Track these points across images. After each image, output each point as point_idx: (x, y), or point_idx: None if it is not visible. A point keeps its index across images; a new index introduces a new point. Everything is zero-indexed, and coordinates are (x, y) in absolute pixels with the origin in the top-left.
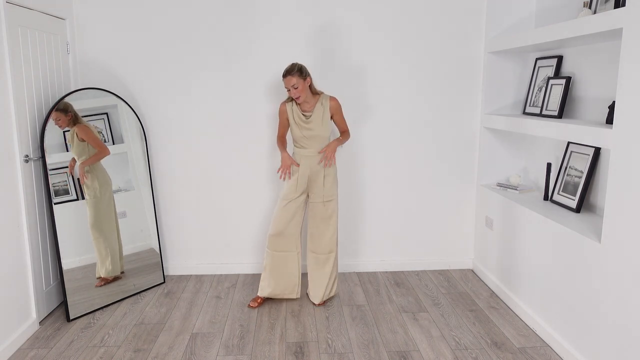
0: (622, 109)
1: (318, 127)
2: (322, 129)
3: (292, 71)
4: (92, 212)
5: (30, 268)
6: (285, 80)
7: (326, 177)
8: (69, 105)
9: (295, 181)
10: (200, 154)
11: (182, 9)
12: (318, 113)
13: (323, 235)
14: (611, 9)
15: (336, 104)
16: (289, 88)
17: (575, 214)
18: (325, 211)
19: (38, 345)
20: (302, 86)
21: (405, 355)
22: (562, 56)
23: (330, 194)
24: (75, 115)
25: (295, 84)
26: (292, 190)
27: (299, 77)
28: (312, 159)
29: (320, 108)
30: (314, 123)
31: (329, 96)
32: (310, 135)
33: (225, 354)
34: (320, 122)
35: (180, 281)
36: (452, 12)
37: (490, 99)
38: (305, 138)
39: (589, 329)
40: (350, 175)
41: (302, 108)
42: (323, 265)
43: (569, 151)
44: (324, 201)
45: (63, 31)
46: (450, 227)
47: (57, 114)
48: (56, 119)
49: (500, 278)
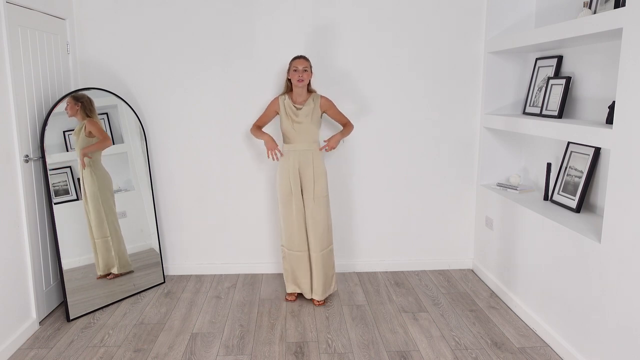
0: (622, 109)
1: (307, 121)
2: (311, 124)
3: (305, 57)
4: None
5: (30, 268)
6: (298, 60)
7: (315, 173)
8: (83, 95)
9: (287, 180)
10: (200, 154)
11: (182, 10)
12: (308, 107)
13: (316, 231)
14: (611, 9)
15: (327, 101)
16: (299, 69)
17: (575, 214)
18: (316, 207)
19: (38, 345)
20: (309, 73)
21: (405, 355)
22: (562, 56)
23: (320, 189)
24: (87, 109)
25: (307, 68)
26: (287, 190)
27: (309, 65)
28: (301, 153)
29: (311, 103)
30: (303, 117)
31: (319, 94)
32: (299, 128)
33: (225, 354)
34: (310, 116)
35: (180, 281)
36: (452, 12)
37: (490, 99)
38: (294, 131)
39: (589, 328)
40: (350, 175)
41: (294, 100)
42: (318, 262)
43: (569, 151)
44: (314, 197)
45: (63, 31)
46: (450, 227)
47: (69, 99)
48: (67, 104)
49: (500, 278)
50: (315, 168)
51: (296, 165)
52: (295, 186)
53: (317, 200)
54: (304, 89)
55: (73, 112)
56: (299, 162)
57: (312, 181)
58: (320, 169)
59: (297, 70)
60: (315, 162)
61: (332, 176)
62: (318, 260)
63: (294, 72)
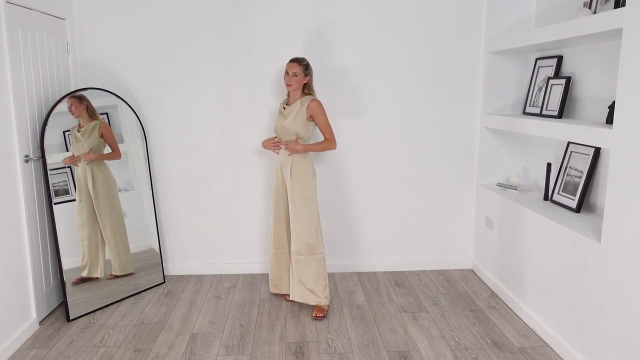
0: (622, 109)
1: (290, 121)
2: (293, 124)
3: (299, 61)
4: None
5: (30, 268)
6: (290, 64)
7: (294, 175)
8: (83, 95)
9: (273, 178)
10: (200, 154)
11: (182, 10)
12: (294, 108)
13: (295, 234)
14: (611, 9)
15: (316, 105)
16: (289, 73)
17: (575, 214)
18: (295, 209)
19: (38, 345)
20: (300, 78)
21: (405, 355)
22: (562, 56)
23: (296, 191)
24: (91, 109)
25: (297, 73)
26: (272, 188)
27: (303, 70)
28: (282, 153)
29: (298, 105)
30: (288, 117)
31: (312, 97)
32: (282, 127)
33: (225, 354)
34: (293, 117)
35: (180, 281)
36: (452, 12)
37: (490, 99)
38: (279, 131)
39: (588, 328)
40: (350, 175)
41: (287, 102)
42: (301, 267)
43: (569, 151)
44: (293, 198)
45: (63, 31)
46: (450, 227)
47: (72, 100)
48: (70, 105)
49: (500, 278)
50: (293, 170)
51: (279, 165)
52: (277, 185)
53: (295, 201)
54: (296, 92)
55: (79, 111)
56: (280, 163)
57: (289, 182)
58: (300, 171)
59: (288, 74)
60: (294, 164)
61: (332, 176)
62: (293, 264)
63: (285, 75)
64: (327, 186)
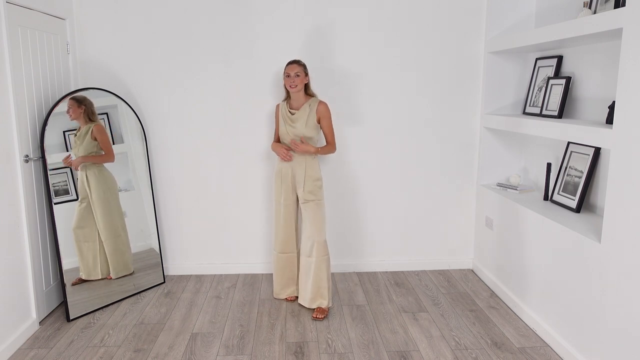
0: (622, 109)
1: (301, 126)
2: (306, 130)
3: (298, 62)
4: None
5: (30, 268)
6: (290, 66)
7: (306, 178)
8: (85, 98)
9: (279, 183)
10: (200, 154)
11: (182, 10)
12: (304, 112)
13: (308, 237)
14: (611, 9)
15: (324, 109)
16: (291, 74)
17: (575, 214)
18: (305, 212)
19: (38, 345)
20: (302, 78)
21: (405, 355)
22: (562, 56)
23: (309, 194)
24: (90, 112)
25: (299, 73)
26: (277, 192)
27: (303, 69)
28: (295, 158)
29: (307, 109)
30: (298, 122)
31: (320, 100)
32: (293, 133)
33: (225, 354)
34: (305, 122)
35: (180, 281)
36: (452, 12)
37: (490, 99)
38: (289, 136)
39: (588, 328)
40: (349, 175)
41: (290, 105)
42: (308, 269)
43: (569, 151)
44: (304, 201)
45: (63, 31)
46: (450, 227)
47: (72, 102)
48: (68, 107)
49: (500, 278)
50: (307, 175)
51: (289, 171)
52: (287, 189)
53: (310, 204)
54: (299, 94)
55: (76, 115)
56: (291, 168)
57: (303, 186)
58: (312, 175)
59: (290, 76)
60: (308, 169)
61: (332, 177)
62: (307, 267)
63: (287, 78)
64: (326, 186)
